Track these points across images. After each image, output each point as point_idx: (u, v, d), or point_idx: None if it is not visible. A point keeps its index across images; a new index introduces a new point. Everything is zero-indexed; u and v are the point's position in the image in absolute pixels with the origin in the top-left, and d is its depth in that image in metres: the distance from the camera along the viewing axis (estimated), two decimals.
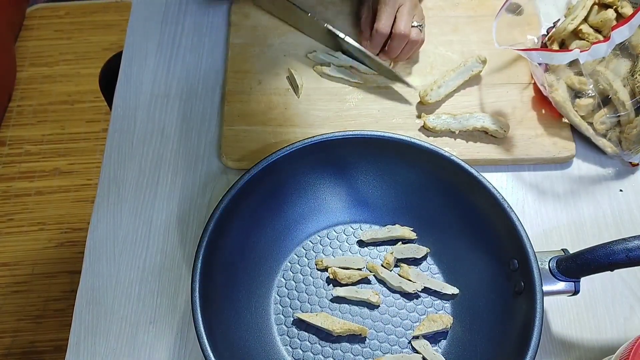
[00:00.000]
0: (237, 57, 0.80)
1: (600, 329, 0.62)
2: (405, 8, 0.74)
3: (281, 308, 0.62)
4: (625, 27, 0.63)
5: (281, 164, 0.62)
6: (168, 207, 0.70)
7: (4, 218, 1.53)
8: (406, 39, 0.74)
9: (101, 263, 0.66)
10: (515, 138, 0.73)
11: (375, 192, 0.67)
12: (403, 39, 0.74)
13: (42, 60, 1.81)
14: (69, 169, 1.61)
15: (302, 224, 0.66)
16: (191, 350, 0.61)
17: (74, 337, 0.62)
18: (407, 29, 0.73)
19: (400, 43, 0.75)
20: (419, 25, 0.75)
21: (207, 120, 0.76)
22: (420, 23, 0.75)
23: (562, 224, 0.69)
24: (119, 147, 0.74)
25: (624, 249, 0.52)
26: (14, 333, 1.37)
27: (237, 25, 0.82)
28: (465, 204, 0.62)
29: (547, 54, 0.68)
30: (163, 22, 0.84)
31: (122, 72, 0.80)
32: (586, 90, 0.70)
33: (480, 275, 0.61)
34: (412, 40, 0.74)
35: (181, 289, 0.65)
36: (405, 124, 0.74)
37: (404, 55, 0.77)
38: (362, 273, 0.63)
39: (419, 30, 0.75)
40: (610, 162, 0.73)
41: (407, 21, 0.74)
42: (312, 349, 0.60)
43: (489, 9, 0.84)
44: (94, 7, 1.92)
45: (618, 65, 0.69)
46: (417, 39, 0.75)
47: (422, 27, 0.76)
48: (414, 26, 0.75)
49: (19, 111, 1.71)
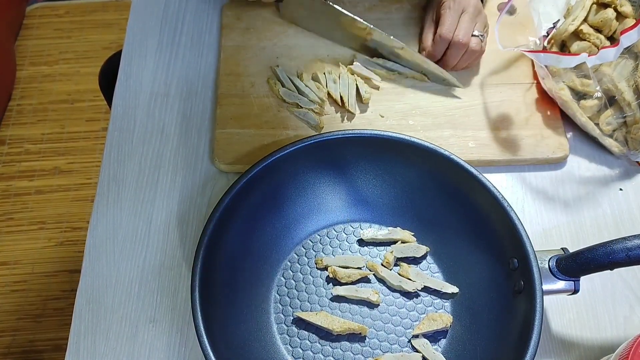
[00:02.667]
0: (230, 59, 0.79)
1: (600, 328, 0.62)
2: (467, 15, 0.72)
3: (281, 307, 0.62)
4: (634, 31, 0.63)
5: (281, 163, 0.62)
6: (168, 206, 0.70)
7: (4, 217, 1.53)
8: (465, 47, 0.72)
9: (101, 262, 0.66)
10: (512, 139, 0.73)
11: (375, 192, 0.67)
12: (461, 48, 0.72)
13: (42, 59, 1.81)
14: (69, 168, 1.61)
15: (302, 223, 0.66)
16: (191, 349, 0.61)
17: (74, 336, 0.62)
18: (466, 38, 0.71)
19: (457, 52, 0.73)
20: (480, 34, 0.73)
21: (207, 119, 0.76)
22: (482, 33, 0.73)
23: (561, 223, 0.69)
24: (118, 146, 0.74)
25: (624, 248, 0.52)
26: (14, 332, 1.37)
27: (228, 28, 0.82)
28: (465, 203, 0.62)
29: (554, 56, 0.68)
30: (163, 20, 0.84)
31: (121, 71, 0.80)
32: (589, 92, 0.70)
33: (480, 274, 0.61)
34: (471, 49, 0.73)
35: (181, 288, 0.65)
36: (399, 126, 0.74)
37: (461, 65, 0.75)
38: (362, 272, 0.63)
39: (479, 40, 0.73)
40: (610, 161, 0.73)
41: (468, 29, 0.72)
42: (312, 347, 0.60)
43: (486, 9, 0.84)
44: (93, 6, 1.91)
45: (623, 66, 0.69)
46: (476, 48, 0.73)
47: (484, 37, 0.73)
48: (475, 35, 0.73)
49: (19, 110, 1.71)
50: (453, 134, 0.73)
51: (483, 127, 0.74)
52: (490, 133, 0.73)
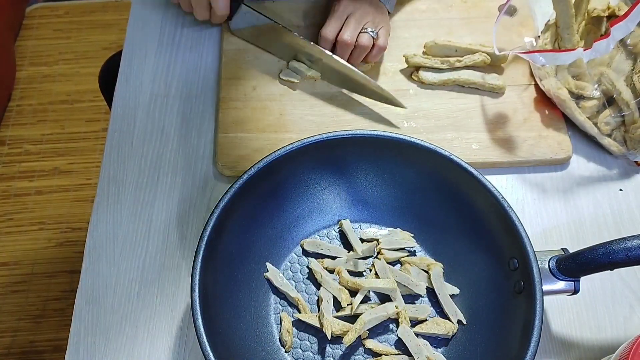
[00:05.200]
0: (231, 63, 0.79)
1: (600, 329, 0.62)
2: (353, 17, 0.77)
3: (281, 307, 0.62)
4: (624, 22, 0.63)
5: (281, 164, 0.62)
6: (168, 207, 0.70)
7: (4, 217, 1.53)
8: (350, 46, 0.76)
9: (101, 262, 0.66)
10: (518, 140, 0.73)
11: (374, 192, 0.67)
12: (346, 47, 0.76)
13: (42, 60, 1.81)
14: (69, 169, 1.61)
15: (302, 224, 0.66)
16: (191, 349, 0.61)
17: (74, 337, 0.62)
18: (350, 37, 0.75)
19: (343, 50, 0.76)
20: (371, 31, 0.76)
21: (207, 120, 0.76)
22: (374, 29, 0.76)
23: (561, 223, 0.69)
24: (118, 147, 0.74)
25: (624, 248, 0.52)
26: (14, 333, 1.37)
27: (229, 31, 0.82)
28: (465, 203, 0.62)
29: (550, 55, 0.68)
30: (163, 21, 0.84)
31: (121, 72, 0.80)
32: (585, 94, 0.70)
33: (480, 275, 0.61)
34: (361, 45, 0.76)
35: (181, 289, 0.65)
36: (401, 129, 0.74)
37: (356, 61, 0.78)
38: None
39: (369, 36, 0.76)
40: (610, 161, 0.73)
41: (353, 29, 0.76)
42: (312, 348, 0.60)
43: (483, 10, 0.84)
44: (93, 6, 1.92)
45: (620, 64, 0.69)
46: (365, 44, 0.75)
47: (374, 33, 0.76)
48: (364, 32, 0.76)
49: (19, 111, 1.71)
50: (456, 136, 0.73)
51: (486, 129, 0.74)
52: (493, 135, 0.73)
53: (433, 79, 0.77)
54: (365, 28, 0.76)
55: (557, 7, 0.70)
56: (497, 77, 0.76)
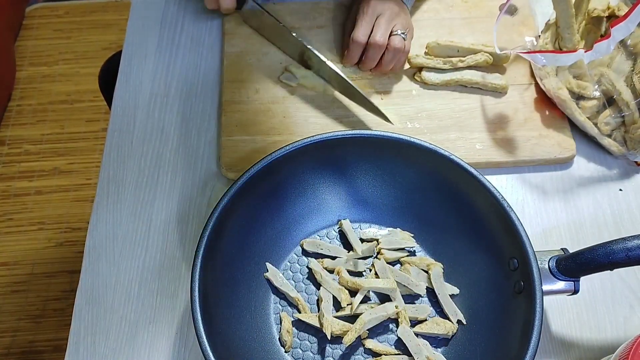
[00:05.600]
0: (233, 66, 0.79)
1: (600, 329, 0.62)
2: (383, 18, 0.74)
3: (280, 308, 0.62)
4: (624, 23, 0.63)
5: (281, 164, 0.62)
6: (167, 207, 0.70)
7: (4, 218, 1.53)
8: (382, 48, 0.73)
9: (101, 262, 0.66)
10: (518, 140, 0.73)
11: (374, 192, 0.67)
12: (378, 49, 0.73)
13: (42, 60, 1.81)
14: (69, 169, 1.61)
15: (302, 224, 0.66)
16: (191, 349, 0.61)
17: (74, 337, 0.62)
18: (382, 39, 0.73)
19: (375, 52, 0.74)
20: (402, 33, 0.74)
21: (207, 120, 0.76)
22: (404, 31, 0.74)
23: (561, 224, 0.69)
24: (118, 147, 0.74)
25: (624, 249, 0.52)
26: (14, 333, 1.37)
27: (231, 34, 0.81)
28: (465, 203, 0.62)
29: (551, 55, 0.68)
30: (162, 21, 0.84)
31: (121, 72, 0.80)
32: (586, 94, 0.70)
33: (480, 275, 0.61)
34: (394, 48, 0.73)
35: (181, 289, 0.65)
36: (405, 129, 0.74)
37: (387, 66, 0.75)
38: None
39: (402, 38, 0.74)
40: (610, 161, 0.73)
41: (385, 30, 0.73)
42: (312, 348, 0.60)
43: (484, 10, 0.84)
44: (93, 6, 1.92)
45: (620, 65, 0.69)
46: (399, 46, 0.73)
47: (405, 36, 0.74)
48: (395, 34, 0.74)
49: (19, 111, 1.71)
50: (460, 136, 0.73)
51: (489, 129, 0.74)
52: (496, 135, 0.73)
53: (436, 79, 0.76)
54: (396, 30, 0.74)
55: (557, 7, 0.70)
56: (499, 77, 0.76)
